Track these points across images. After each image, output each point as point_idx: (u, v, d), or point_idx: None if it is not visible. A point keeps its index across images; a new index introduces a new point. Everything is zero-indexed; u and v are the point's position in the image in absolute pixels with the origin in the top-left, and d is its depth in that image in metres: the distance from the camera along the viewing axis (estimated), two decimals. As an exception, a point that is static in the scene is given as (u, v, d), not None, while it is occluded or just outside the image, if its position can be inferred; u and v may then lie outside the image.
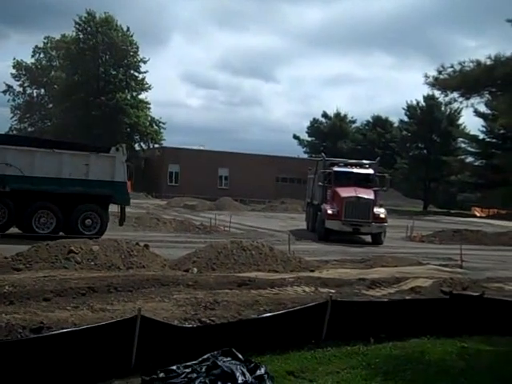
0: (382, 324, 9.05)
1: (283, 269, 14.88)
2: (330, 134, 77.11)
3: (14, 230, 20.11)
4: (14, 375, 6.31)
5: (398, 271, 15.49)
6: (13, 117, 73.70)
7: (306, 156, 74.86)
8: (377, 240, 25.87)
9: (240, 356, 6.97)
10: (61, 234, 19.66)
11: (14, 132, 69.83)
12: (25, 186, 19.73)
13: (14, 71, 72.57)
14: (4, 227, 19.26)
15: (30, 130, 71.80)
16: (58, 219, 20.25)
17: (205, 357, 6.95)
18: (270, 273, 14.24)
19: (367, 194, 26.06)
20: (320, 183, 28.39)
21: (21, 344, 6.97)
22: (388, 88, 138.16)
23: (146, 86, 64.73)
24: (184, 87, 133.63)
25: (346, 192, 26.10)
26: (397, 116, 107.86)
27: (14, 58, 72.53)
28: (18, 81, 73.28)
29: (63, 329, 7.67)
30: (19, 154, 19.99)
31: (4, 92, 72.97)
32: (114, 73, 63.19)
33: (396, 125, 77.04)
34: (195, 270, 14.02)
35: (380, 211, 26.35)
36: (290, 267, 15.13)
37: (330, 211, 25.74)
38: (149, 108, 64.82)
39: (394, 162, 67.59)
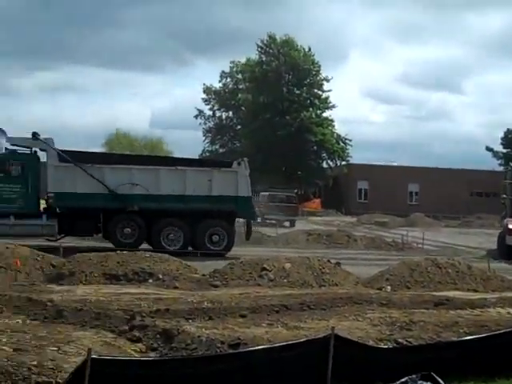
0: None
1: (483, 288, 14.00)
2: (529, 145, 71.96)
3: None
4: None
5: None
6: (205, 139, 77.56)
7: (501, 169, 70.51)
8: None
9: (441, 381, 6.58)
10: (190, 249, 20.34)
11: (207, 154, 73.50)
12: (151, 204, 20.51)
13: (203, 96, 76.51)
14: (135, 244, 19.90)
15: (221, 151, 75.09)
16: (185, 235, 20.70)
17: (403, 380, 6.66)
18: (469, 292, 13.45)
19: None
20: (504, 195, 26.52)
21: (220, 358, 7.15)
22: None
23: (330, 104, 65.15)
24: (366, 103, 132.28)
25: None
26: None
27: (204, 84, 76.36)
28: (207, 105, 77.04)
29: (259, 345, 7.75)
30: (144, 172, 20.78)
31: (196, 116, 77.09)
32: (297, 92, 64.26)
33: None
34: (388, 288, 13.65)
35: None
36: (492, 287, 14.20)
37: (511, 226, 23.81)
38: (333, 125, 65.16)
39: None
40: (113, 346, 8.20)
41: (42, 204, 20.87)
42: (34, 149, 20.90)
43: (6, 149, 21.19)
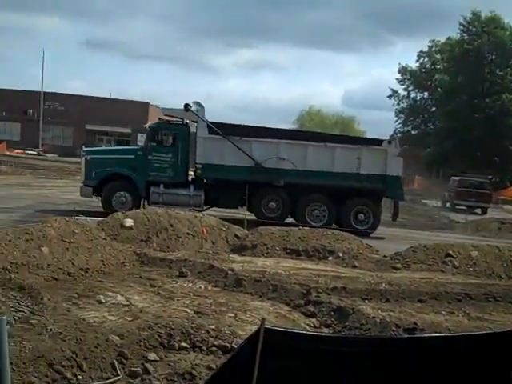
0: None
1: None
2: None
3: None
4: (384, 371, 6.25)
5: None
6: (397, 120, 76.07)
7: None
8: None
9: None
10: (334, 226, 19.46)
11: (399, 135, 71.98)
12: (298, 179, 20.21)
13: (398, 76, 74.84)
14: (279, 218, 19.71)
15: (413, 132, 73.28)
16: (330, 212, 20.37)
17: None
18: None
19: None
20: None
21: (394, 342, 6.91)
22: None
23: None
24: None
25: None
26: None
27: (399, 64, 74.69)
28: (402, 85, 75.34)
29: (437, 332, 7.40)
30: (292, 147, 20.46)
31: (389, 96, 75.64)
32: (500, 73, 60.58)
33: None
34: None
35: None
36: None
37: None
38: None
39: None
40: (287, 319, 8.30)
41: (190, 175, 21.38)
42: (185, 120, 21.37)
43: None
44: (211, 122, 20.81)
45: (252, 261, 12.05)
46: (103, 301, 8.17)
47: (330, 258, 13.13)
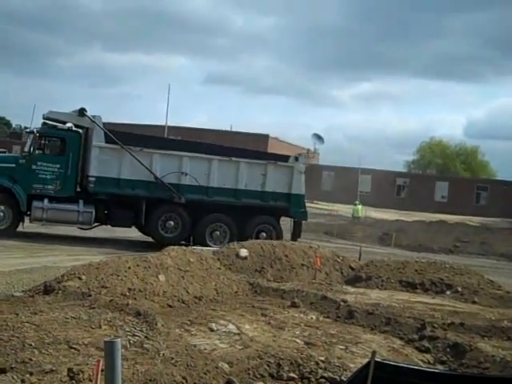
0: None
1: None
2: None
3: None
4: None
5: None
6: (525, 150, 72.62)
7: None
8: None
9: None
10: None
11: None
12: (200, 196, 18.95)
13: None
14: (176, 239, 18.08)
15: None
16: (231, 233, 18.94)
17: None
18: None
19: None
20: None
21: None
22: None
23: None
24: None
25: None
26: None
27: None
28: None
29: None
30: (195, 161, 19.09)
31: (516, 126, 72.40)
32: None
33: None
34: None
35: None
36: None
37: None
38: None
39: None
40: (399, 353, 8.06)
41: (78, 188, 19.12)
42: (71, 126, 18.95)
43: (45, 124, 19.25)
44: (108, 130, 18.79)
45: (366, 293, 11.84)
46: (215, 328, 8.29)
47: (448, 293, 12.65)
